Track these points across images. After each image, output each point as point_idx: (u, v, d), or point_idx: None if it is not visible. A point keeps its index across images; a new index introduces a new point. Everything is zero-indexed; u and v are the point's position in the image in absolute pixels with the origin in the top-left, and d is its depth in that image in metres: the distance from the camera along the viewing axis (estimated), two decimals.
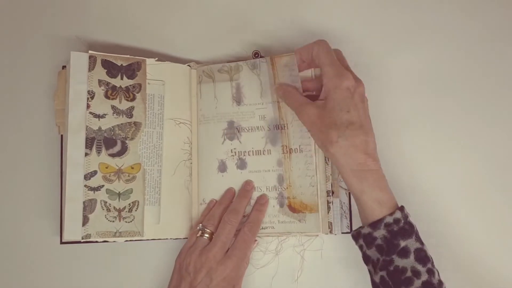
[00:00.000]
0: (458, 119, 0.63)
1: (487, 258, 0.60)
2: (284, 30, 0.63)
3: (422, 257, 0.49)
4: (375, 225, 0.49)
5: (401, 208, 0.50)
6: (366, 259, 0.51)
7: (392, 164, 0.62)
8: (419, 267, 0.48)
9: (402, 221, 0.49)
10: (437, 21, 0.64)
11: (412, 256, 0.48)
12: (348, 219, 0.59)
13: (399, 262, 0.48)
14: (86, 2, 0.63)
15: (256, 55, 0.59)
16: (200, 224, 0.57)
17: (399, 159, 0.62)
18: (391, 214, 0.49)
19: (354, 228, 0.58)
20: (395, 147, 0.62)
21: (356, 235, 0.52)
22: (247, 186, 0.58)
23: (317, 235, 0.60)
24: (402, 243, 0.48)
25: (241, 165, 0.59)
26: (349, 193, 0.59)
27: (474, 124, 0.62)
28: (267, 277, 0.60)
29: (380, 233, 0.49)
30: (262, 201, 0.58)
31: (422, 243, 0.49)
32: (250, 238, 0.55)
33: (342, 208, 0.59)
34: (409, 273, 0.48)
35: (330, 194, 0.58)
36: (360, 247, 0.52)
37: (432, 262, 0.50)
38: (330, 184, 0.58)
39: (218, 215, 0.57)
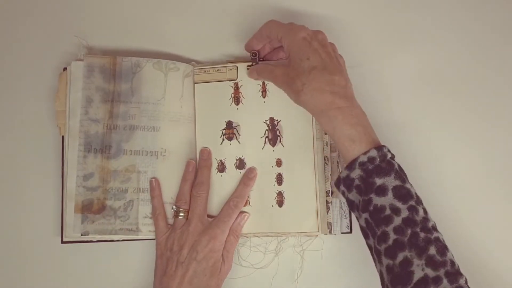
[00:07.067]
0: (457, 118, 0.62)
1: (488, 257, 0.60)
2: None
3: (403, 194, 0.48)
4: (350, 166, 0.49)
5: (380, 147, 0.49)
6: (351, 204, 0.51)
7: None
8: (399, 204, 0.47)
9: (378, 159, 0.48)
10: (437, 21, 0.64)
11: (390, 194, 0.47)
12: (348, 219, 0.59)
13: (377, 200, 0.48)
14: (87, 5, 0.64)
15: (254, 55, 0.59)
16: (174, 206, 0.58)
17: (398, 159, 0.61)
18: (365, 153, 0.48)
19: (353, 229, 0.58)
20: (394, 147, 0.61)
21: (337, 181, 0.51)
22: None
23: (317, 235, 0.60)
24: (378, 181, 0.48)
25: (240, 165, 0.59)
26: None
27: (474, 124, 0.62)
28: (267, 277, 0.60)
29: (356, 173, 0.49)
30: (250, 175, 0.58)
31: (404, 181, 0.48)
32: (235, 211, 0.57)
33: (341, 208, 0.59)
34: (388, 211, 0.47)
35: (330, 194, 0.58)
36: (343, 193, 0.51)
37: (418, 200, 0.48)
38: (330, 184, 0.58)
39: (187, 192, 0.58)
